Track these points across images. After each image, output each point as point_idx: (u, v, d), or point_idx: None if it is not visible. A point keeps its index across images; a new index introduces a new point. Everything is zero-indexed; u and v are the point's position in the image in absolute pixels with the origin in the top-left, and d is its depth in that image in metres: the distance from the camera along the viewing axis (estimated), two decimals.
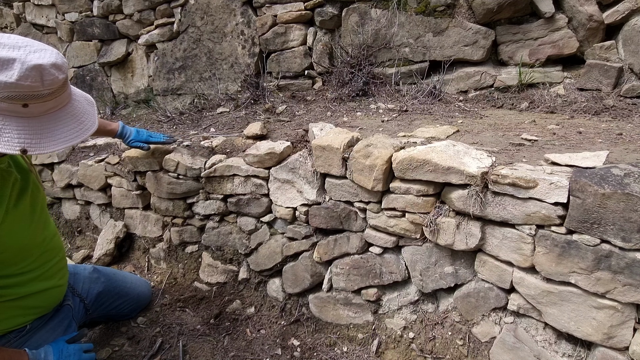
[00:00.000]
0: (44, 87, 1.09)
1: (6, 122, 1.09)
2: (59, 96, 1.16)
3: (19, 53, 1.06)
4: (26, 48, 1.08)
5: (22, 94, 1.07)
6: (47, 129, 1.15)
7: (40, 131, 1.14)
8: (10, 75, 1.04)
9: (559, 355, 1.52)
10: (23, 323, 1.44)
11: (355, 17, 2.79)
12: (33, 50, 1.09)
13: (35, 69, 1.06)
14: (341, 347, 1.92)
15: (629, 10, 2.34)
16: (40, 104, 1.11)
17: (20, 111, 1.10)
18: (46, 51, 1.12)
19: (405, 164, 1.62)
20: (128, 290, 1.98)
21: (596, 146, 1.71)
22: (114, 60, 3.54)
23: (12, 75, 1.04)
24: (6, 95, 1.05)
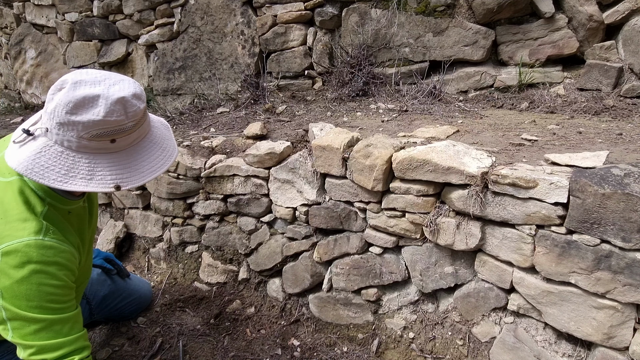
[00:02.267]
0: (128, 119, 1.08)
1: (97, 161, 1.08)
2: (141, 126, 1.15)
3: (100, 88, 1.05)
4: (106, 82, 1.07)
5: (109, 130, 1.06)
6: (135, 161, 1.14)
7: (129, 165, 1.13)
8: (97, 113, 1.02)
9: (559, 355, 1.52)
10: None
11: (355, 17, 2.79)
12: (112, 83, 1.08)
13: (119, 102, 1.05)
14: (341, 347, 1.92)
15: (629, 10, 2.34)
16: (126, 136, 1.10)
17: (108, 147, 1.09)
18: (124, 82, 1.11)
19: (405, 164, 1.62)
20: (132, 292, 1.98)
21: (596, 146, 1.71)
22: (114, 60, 3.54)
23: (99, 113, 1.02)
24: (95, 133, 1.04)
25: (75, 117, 1.02)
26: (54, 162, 1.06)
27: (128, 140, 1.12)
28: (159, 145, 1.21)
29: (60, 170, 1.06)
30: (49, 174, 1.05)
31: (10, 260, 1.04)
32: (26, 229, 1.08)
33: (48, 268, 1.09)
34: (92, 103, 1.03)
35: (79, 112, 1.02)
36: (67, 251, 1.15)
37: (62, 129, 1.04)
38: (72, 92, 1.02)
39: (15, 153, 1.07)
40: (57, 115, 1.03)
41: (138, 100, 1.10)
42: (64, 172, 1.06)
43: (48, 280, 1.09)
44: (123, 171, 1.11)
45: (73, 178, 1.06)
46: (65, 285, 1.14)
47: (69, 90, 1.02)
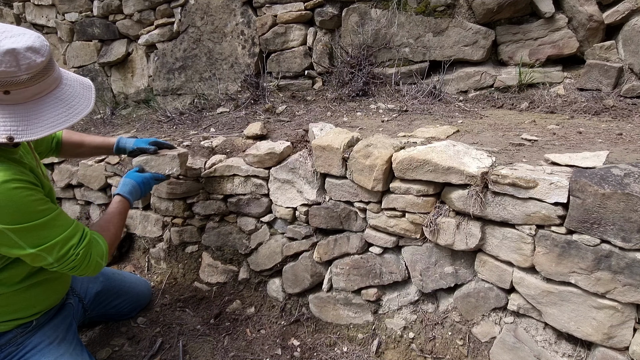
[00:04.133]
0: (21, 71, 1.08)
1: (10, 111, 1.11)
2: (43, 81, 1.15)
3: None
4: (2, 34, 1.07)
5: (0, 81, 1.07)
6: (34, 114, 1.15)
7: (27, 117, 1.14)
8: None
9: (559, 355, 1.52)
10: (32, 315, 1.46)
11: (355, 17, 2.79)
12: (10, 36, 1.08)
13: (8, 53, 1.05)
14: (341, 347, 1.92)
15: (629, 10, 2.34)
16: (22, 89, 1.12)
17: (2, 98, 1.10)
18: (24, 35, 1.11)
19: (405, 164, 1.62)
20: (127, 289, 1.98)
21: (596, 146, 1.71)
22: (114, 60, 3.54)
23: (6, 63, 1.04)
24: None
25: None
26: None
27: (25, 93, 1.13)
28: (65, 102, 1.23)
29: None
30: None
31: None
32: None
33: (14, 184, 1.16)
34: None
35: None
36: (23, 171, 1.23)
37: None
38: None
39: None
40: None
41: (34, 54, 1.10)
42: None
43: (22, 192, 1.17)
44: (18, 124, 1.12)
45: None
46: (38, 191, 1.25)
47: None
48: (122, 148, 1.92)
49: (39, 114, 1.16)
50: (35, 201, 1.21)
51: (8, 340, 1.41)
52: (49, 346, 1.46)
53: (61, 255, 1.27)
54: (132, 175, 1.75)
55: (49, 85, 1.18)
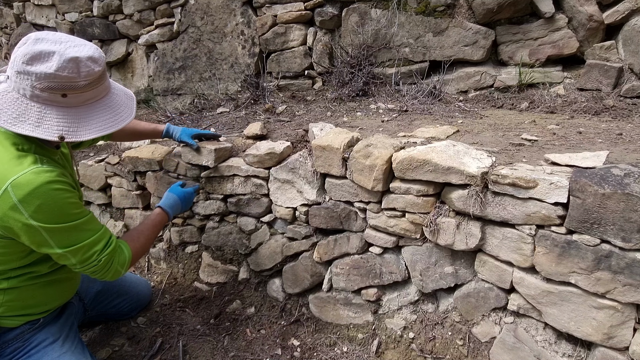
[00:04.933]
0: (80, 78, 1.19)
1: (47, 110, 1.19)
2: (96, 88, 1.26)
3: (59, 47, 1.16)
4: (67, 43, 1.18)
5: (61, 85, 1.17)
6: (84, 118, 1.25)
7: (78, 120, 1.23)
8: (49, 67, 1.14)
9: (559, 355, 1.52)
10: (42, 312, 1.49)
11: (355, 17, 2.79)
12: (73, 45, 1.19)
13: (72, 61, 1.16)
14: (341, 347, 1.92)
15: (629, 10, 2.34)
16: (79, 94, 1.21)
17: (59, 101, 1.20)
18: (85, 46, 1.22)
19: (405, 164, 1.62)
20: (127, 289, 1.98)
21: (596, 146, 1.71)
22: (114, 60, 3.54)
23: (51, 67, 1.14)
24: (46, 85, 1.15)
25: (30, 67, 1.14)
26: (8, 106, 1.18)
27: (80, 98, 1.22)
28: (113, 109, 1.32)
29: (12, 114, 1.17)
30: (1, 115, 1.17)
31: (23, 189, 1.15)
32: (23, 164, 1.19)
33: (57, 185, 1.21)
34: (47, 57, 1.14)
35: (34, 63, 1.14)
36: (65, 174, 1.29)
37: (19, 78, 1.16)
38: (32, 46, 1.15)
39: None
40: (16, 64, 1.15)
41: (93, 63, 1.21)
42: (15, 115, 1.17)
43: (62, 194, 1.22)
44: (70, 125, 1.22)
45: (22, 122, 1.18)
46: (76, 195, 1.30)
47: (29, 45, 1.15)
48: (170, 135, 2.07)
49: (89, 118, 1.26)
50: (72, 204, 1.26)
51: (16, 335, 1.44)
52: (53, 344, 1.47)
53: (85, 258, 1.31)
54: (175, 190, 1.89)
55: (100, 93, 1.28)
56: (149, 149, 2.33)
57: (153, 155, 2.24)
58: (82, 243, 1.29)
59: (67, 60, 1.15)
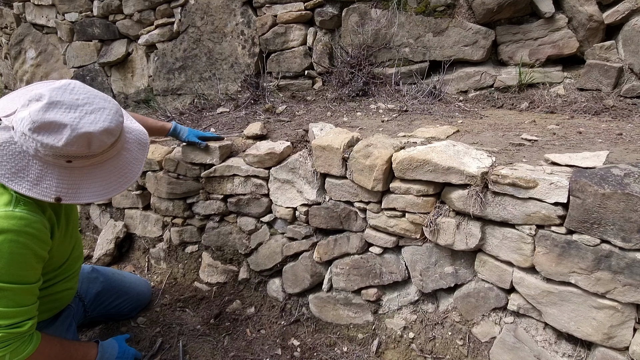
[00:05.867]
0: (90, 151, 1.11)
1: (48, 170, 1.11)
2: (106, 153, 1.17)
3: (73, 116, 1.06)
4: (83, 108, 1.08)
5: (68, 155, 1.09)
6: (87, 180, 1.16)
7: (80, 182, 1.15)
8: (57, 140, 1.05)
9: (559, 355, 1.52)
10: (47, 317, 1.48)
11: (355, 17, 2.79)
12: (90, 111, 1.09)
13: (84, 136, 1.07)
14: (341, 347, 1.92)
15: (629, 10, 2.34)
16: (85, 160, 1.13)
17: (63, 164, 1.11)
18: (103, 112, 1.12)
19: (405, 164, 1.62)
20: (127, 289, 1.98)
21: (596, 146, 1.71)
22: (114, 60, 3.54)
23: (60, 141, 1.05)
24: (51, 153, 1.08)
25: (37, 136, 1.05)
26: (9, 158, 1.08)
27: (87, 162, 1.14)
28: (119, 170, 1.22)
29: (12, 169, 1.09)
30: (1, 168, 1.08)
31: None
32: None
33: (19, 237, 1.10)
34: (57, 130, 1.05)
35: (41, 133, 1.04)
36: (38, 221, 1.15)
37: (24, 138, 1.07)
38: (42, 114, 1.04)
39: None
40: (23, 126, 1.05)
41: (108, 136, 1.12)
42: (14, 170, 1.09)
43: (19, 250, 1.10)
44: (70, 187, 1.14)
45: (20, 179, 1.09)
46: (35, 254, 1.16)
47: (41, 110, 1.04)
48: (176, 134, 2.02)
49: (92, 180, 1.17)
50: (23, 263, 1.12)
51: None
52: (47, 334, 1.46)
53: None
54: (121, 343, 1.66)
55: (110, 155, 1.19)
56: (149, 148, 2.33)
57: (153, 155, 2.24)
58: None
59: (78, 135, 1.06)
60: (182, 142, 2.10)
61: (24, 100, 1.07)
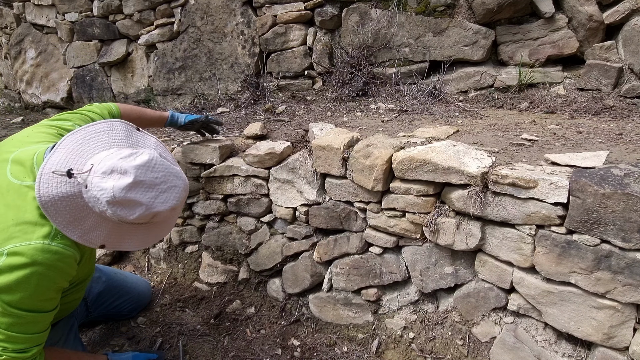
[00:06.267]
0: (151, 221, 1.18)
1: (102, 224, 1.15)
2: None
3: (149, 196, 1.12)
4: (159, 187, 1.14)
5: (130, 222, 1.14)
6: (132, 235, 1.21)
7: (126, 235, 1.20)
8: (130, 214, 1.11)
9: (559, 355, 1.52)
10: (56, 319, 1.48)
11: (355, 17, 2.79)
12: (164, 190, 1.15)
13: (153, 213, 1.14)
14: (341, 347, 1.92)
15: (629, 10, 2.34)
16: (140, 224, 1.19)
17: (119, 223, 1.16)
18: (173, 190, 1.17)
19: (405, 164, 1.62)
20: (128, 289, 1.98)
21: (596, 146, 1.71)
22: (114, 60, 3.54)
23: (132, 215, 1.11)
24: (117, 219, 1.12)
25: (112, 207, 1.09)
26: (70, 210, 1.11)
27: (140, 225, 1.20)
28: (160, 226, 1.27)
29: (69, 218, 1.12)
30: (60, 216, 1.11)
31: (15, 260, 1.07)
32: (35, 233, 1.11)
33: (49, 272, 1.12)
34: (133, 207, 1.11)
35: (117, 207, 1.09)
36: (71, 256, 1.17)
37: (96, 202, 1.10)
38: (125, 193, 1.08)
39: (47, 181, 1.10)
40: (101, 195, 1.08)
41: (171, 212, 1.19)
42: (71, 220, 1.12)
43: (45, 283, 1.12)
44: (116, 239, 1.19)
45: (74, 228, 1.13)
46: (58, 288, 1.19)
47: (125, 189, 1.08)
48: (174, 122, 1.99)
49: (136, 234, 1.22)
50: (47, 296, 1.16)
51: None
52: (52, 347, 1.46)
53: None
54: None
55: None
56: None
57: None
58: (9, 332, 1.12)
59: (149, 214, 1.13)
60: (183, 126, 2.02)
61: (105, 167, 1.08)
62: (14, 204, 1.13)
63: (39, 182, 1.09)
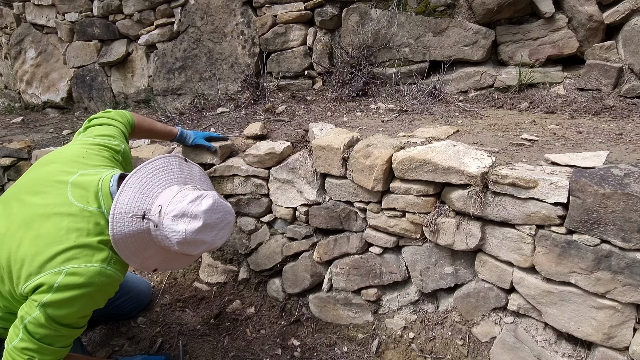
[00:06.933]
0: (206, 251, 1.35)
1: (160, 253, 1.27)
2: None
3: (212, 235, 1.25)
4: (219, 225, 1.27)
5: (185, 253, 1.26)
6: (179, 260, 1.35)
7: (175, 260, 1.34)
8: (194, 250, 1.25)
9: (559, 355, 1.52)
10: None
11: (355, 17, 2.79)
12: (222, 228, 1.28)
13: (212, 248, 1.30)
14: (341, 347, 1.92)
15: (629, 10, 2.34)
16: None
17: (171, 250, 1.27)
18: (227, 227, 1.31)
19: (405, 164, 1.62)
20: (129, 288, 1.98)
21: (596, 146, 1.71)
22: (114, 60, 3.54)
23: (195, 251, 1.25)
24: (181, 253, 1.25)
25: (180, 245, 1.21)
26: (136, 244, 1.22)
27: None
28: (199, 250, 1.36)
29: (134, 250, 1.23)
30: (127, 250, 1.22)
31: (73, 280, 1.14)
32: (95, 256, 1.19)
33: (98, 294, 1.20)
34: (199, 245, 1.24)
35: (185, 245, 1.21)
36: (119, 280, 1.27)
37: (165, 239, 1.22)
38: (196, 235, 1.20)
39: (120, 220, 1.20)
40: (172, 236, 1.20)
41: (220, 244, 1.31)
42: (135, 251, 1.24)
43: (91, 303, 1.21)
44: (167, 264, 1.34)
45: (136, 258, 1.25)
46: (98, 307, 1.26)
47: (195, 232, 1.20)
48: (182, 140, 2.04)
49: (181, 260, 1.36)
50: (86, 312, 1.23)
51: None
52: None
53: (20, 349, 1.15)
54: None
55: None
56: (149, 149, 2.33)
57: (153, 155, 2.24)
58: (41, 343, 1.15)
59: (210, 248, 1.27)
60: (189, 146, 2.09)
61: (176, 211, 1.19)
62: (77, 227, 1.20)
63: (112, 221, 1.19)
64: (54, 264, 1.14)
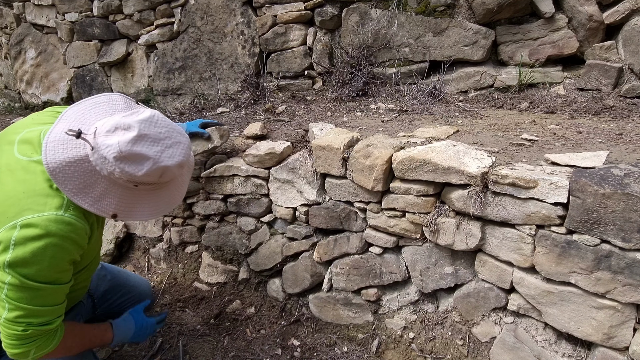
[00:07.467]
0: (160, 180, 1.18)
1: (112, 190, 1.16)
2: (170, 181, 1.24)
3: (155, 150, 1.13)
4: (164, 142, 1.15)
5: (138, 181, 1.15)
6: (142, 202, 1.23)
7: (136, 203, 1.22)
8: (138, 170, 1.11)
9: (559, 355, 1.52)
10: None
11: (355, 17, 2.79)
12: (169, 145, 1.16)
13: (161, 169, 1.15)
14: (341, 347, 1.92)
15: (629, 10, 2.34)
16: (149, 186, 1.20)
17: (129, 187, 1.18)
18: (179, 146, 1.19)
19: (405, 164, 1.62)
20: (131, 288, 1.98)
21: (596, 146, 1.71)
22: (114, 60, 3.54)
23: (140, 171, 1.12)
24: (126, 179, 1.14)
25: (120, 164, 1.10)
26: (79, 175, 1.12)
27: (148, 188, 1.21)
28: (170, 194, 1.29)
29: (79, 185, 1.13)
30: (69, 183, 1.12)
31: (29, 232, 1.08)
32: (47, 204, 1.12)
33: (63, 243, 1.13)
34: (140, 162, 1.11)
35: (125, 162, 1.10)
36: (82, 229, 1.19)
37: (104, 161, 1.11)
38: (131, 146, 1.09)
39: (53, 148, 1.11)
40: (108, 152, 1.09)
41: (179, 169, 1.20)
42: (81, 186, 1.13)
43: (60, 254, 1.13)
44: (127, 206, 1.21)
45: (84, 195, 1.14)
46: (72, 258, 1.20)
47: (130, 142, 1.09)
48: None
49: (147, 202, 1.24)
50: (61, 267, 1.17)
51: None
52: None
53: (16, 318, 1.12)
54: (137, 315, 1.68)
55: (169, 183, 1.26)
56: None
57: None
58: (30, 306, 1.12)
59: (157, 168, 1.14)
60: None
61: (109, 126, 1.10)
62: (24, 179, 1.15)
63: (45, 150, 1.11)
64: (6, 219, 1.09)
